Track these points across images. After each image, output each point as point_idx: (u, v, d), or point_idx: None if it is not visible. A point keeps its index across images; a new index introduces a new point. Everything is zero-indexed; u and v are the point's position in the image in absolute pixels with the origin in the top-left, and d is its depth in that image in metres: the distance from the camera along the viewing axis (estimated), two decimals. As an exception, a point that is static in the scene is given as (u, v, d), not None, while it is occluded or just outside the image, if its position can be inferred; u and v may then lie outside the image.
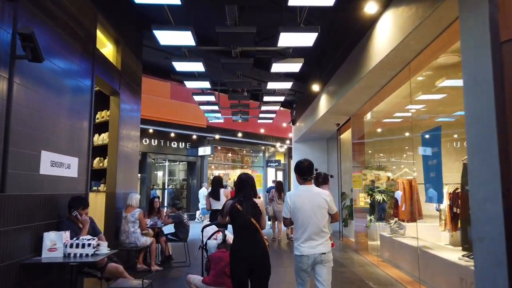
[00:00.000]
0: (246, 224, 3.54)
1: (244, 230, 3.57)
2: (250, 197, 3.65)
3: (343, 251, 9.38)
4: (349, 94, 7.53)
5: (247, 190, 3.68)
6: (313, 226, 3.49)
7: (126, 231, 6.41)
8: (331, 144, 13.08)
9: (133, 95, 7.74)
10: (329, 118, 9.73)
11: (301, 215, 3.53)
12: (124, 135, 6.97)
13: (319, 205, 3.55)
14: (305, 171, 3.69)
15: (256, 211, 3.60)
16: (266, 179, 20.69)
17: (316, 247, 3.48)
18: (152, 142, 16.11)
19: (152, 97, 15.68)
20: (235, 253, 3.55)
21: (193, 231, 9.61)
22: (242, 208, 3.56)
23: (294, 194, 3.71)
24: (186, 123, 16.48)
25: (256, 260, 3.50)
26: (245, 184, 3.72)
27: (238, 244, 3.60)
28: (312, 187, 3.72)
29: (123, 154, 6.93)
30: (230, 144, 19.19)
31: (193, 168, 17.81)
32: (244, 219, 3.53)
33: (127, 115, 7.25)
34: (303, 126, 12.52)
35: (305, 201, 3.57)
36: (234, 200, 3.65)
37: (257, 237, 3.56)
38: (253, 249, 3.52)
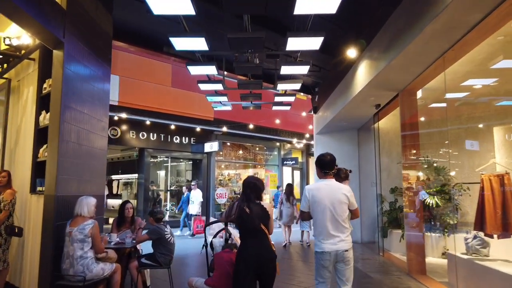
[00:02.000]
0: (255, 229, 3.44)
1: (252, 235, 3.46)
2: (252, 199, 3.52)
3: (389, 273, 6.87)
4: (408, 50, 5.04)
5: (247, 192, 3.55)
6: (334, 221, 3.39)
7: (70, 256, 4.05)
8: (363, 136, 10.54)
9: (94, 54, 5.37)
10: (368, 95, 7.24)
11: (321, 210, 3.43)
12: (74, 110, 4.62)
13: (340, 200, 3.44)
14: (326, 165, 3.57)
15: (264, 215, 3.50)
16: (282, 179, 18.22)
17: (338, 243, 3.37)
18: (150, 137, 13.82)
19: (149, 84, 13.43)
20: (243, 259, 3.41)
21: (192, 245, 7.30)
22: (250, 211, 3.45)
23: (314, 187, 3.57)
24: (190, 115, 14.16)
25: (264, 266, 3.40)
26: (247, 185, 3.60)
27: (246, 249, 3.44)
28: (333, 182, 3.58)
29: (73, 139, 4.58)
30: (240, 140, 16.79)
31: (199, 167, 15.46)
32: (253, 224, 3.42)
33: (81, 81, 4.89)
34: (328, 113, 10.04)
35: (325, 195, 3.45)
36: (241, 202, 3.53)
37: (265, 242, 3.46)
38: (262, 255, 3.41)
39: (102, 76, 5.55)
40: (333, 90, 9.29)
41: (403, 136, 7.08)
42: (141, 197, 13.45)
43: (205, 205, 15.15)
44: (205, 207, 15.13)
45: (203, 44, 5.68)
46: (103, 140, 5.60)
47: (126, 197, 14.36)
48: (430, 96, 7.54)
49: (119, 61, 12.74)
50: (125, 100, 12.64)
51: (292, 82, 7.80)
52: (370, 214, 10.19)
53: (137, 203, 13.65)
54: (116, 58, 12.87)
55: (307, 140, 18.22)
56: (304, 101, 18.29)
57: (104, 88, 5.65)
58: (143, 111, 13.08)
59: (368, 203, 10.27)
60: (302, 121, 18.38)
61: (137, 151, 13.86)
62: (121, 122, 12.93)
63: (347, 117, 9.24)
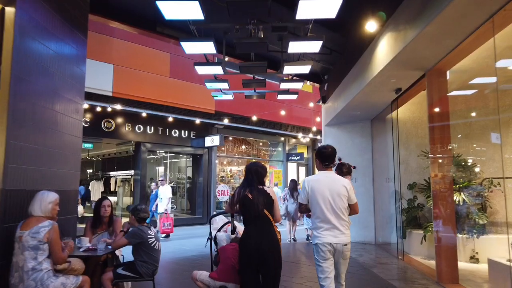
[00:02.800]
0: (258, 215, 3.30)
1: (256, 222, 3.32)
2: (254, 183, 3.38)
3: (413, 280, 5.87)
4: (445, 14, 4.05)
5: (250, 177, 3.42)
6: (334, 213, 3.30)
7: (20, 267, 3.10)
8: (377, 127, 9.54)
9: (68, 24, 4.41)
10: (389, 77, 6.23)
11: (320, 202, 3.31)
12: (33, 84, 3.67)
13: (339, 193, 3.34)
14: (328, 158, 3.45)
15: (268, 201, 3.37)
16: (287, 175, 17.24)
17: (338, 236, 3.28)
18: (147, 130, 12.87)
19: (146, 74, 12.48)
20: (246, 246, 3.30)
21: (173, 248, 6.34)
22: (253, 197, 3.31)
23: (313, 179, 3.45)
24: (190, 107, 13.22)
25: (268, 253, 3.25)
26: (248, 171, 3.48)
27: (249, 236, 3.32)
28: (332, 174, 3.49)
29: (30, 119, 3.63)
30: (243, 134, 15.82)
31: (199, 162, 14.52)
32: (257, 209, 3.28)
33: (46, 51, 3.93)
34: (338, 102, 9.05)
35: (324, 187, 3.33)
36: (242, 188, 3.41)
37: (269, 228, 3.33)
38: (265, 241, 3.27)
39: (76, 49, 4.59)
40: (345, 75, 8.30)
41: (431, 124, 6.07)
42: (137, 194, 12.52)
43: (206, 203, 14.21)
44: (205, 205, 14.18)
45: (197, 11, 4.73)
46: (77, 125, 4.65)
47: (122, 195, 13.44)
48: (461, 78, 6.55)
49: (114, 49, 11.82)
50: (120, 91, 11.71)
51: (301, 64, 6.82)
52: (385, 212, 9.20)
53: (133, 201, 12.72)
54: (111, 46, 11.96)
55: (313, 135, 17.24)
56: (310, 94, 17.30)
57: (78, 63, 4.68)
58: (139, 103, 12.15)
59: (382, 201, 9.29)
60: (308, 115, 17.39)
61: (133, 145, 12.93)
62: (116, 114, 12.00)
63: (361, 105, 8.24)
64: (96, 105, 11.14)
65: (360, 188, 9.72)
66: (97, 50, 11.38)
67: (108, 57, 11.59)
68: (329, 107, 10.34)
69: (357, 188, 10.10)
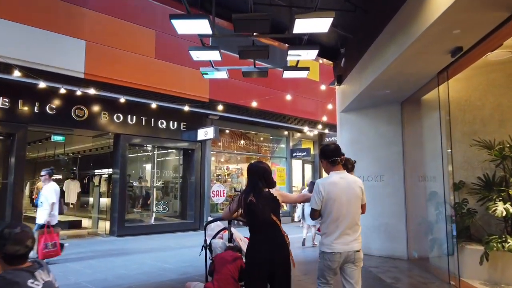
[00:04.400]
0: (266, 222, 3.04)
1: (264, 229, 3.06)
2: (260, 188, 3.08)
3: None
4: None
5: (255, 180, 3.12)
6: (350, 220, 3.09)
7: None
8: (410, 111, 7.48)
9: None
10: (452, 25, 4.18)
11: (337, 207, 3.07)
12: None
13: (357, 195, 3.16)
14: (332, 152, 3.21)
15: (275, 205, 3.11)
16: (291, 173, 15.21)
17: (350, 243, 3.08)
18: (128, 120, 10.83)
19: (126, 54, 10.44)
20: (256, 256, 3.00)
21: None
22: (259, 201, 3.02)
23: (329, 182, 3.14)
24: (179, 94, 11.19)
25: (279, 262, 3.00)
26: (250, 173, 3.18)
27: (258, 245, 3.03)
28: (346, 174, 3.23)
29: None
30: (242, 127, 13.78)
31: (191, 158, 12.48)
32: (264, 216, 3.02)
33: None
34: (362, 79, 7.02)
35: (342, 190, 3.10)
36: (246, 194, 3.08)
37: (278, 235, 3.05)
38: (276, 250, 3.01)
39: None
40: (373, 40, 6.28)
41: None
42: (116, 196, 10.49)
43: (199, 205, 12.18)
44: (198, 208, 12.15)
45: None
46: None
47: (97, 195, 11.40)
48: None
49: (86, 22, 9.78)
50: (94, 72, 9.70)
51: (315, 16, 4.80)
52: (420, 219, 7.18)
53: (111, 203, 10.70)
54: (82, 19, 9.92)
55: (321, 129, 15.21)
56: (317, 83, 15.27)
57: None
58: (118, 87, 10.13)
59: (417, 204, 7.26)
60: (315, 106, 15.35)
61: (111, 137, 10.89)
62: (89, 100, 9.97)
63: (395, 79, 6.21)
64: (65, 88, 9.11)
65: (387, 189, 7.70)
66: (66, 23, 9.37)
67: (79, 31, 9.57)
68: (346, 88, 8.30)
69: (383, 188, 8.05)
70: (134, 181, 12.67)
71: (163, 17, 11.04)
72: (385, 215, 7.66)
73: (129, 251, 8.31)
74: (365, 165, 8.06)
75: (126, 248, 8.59)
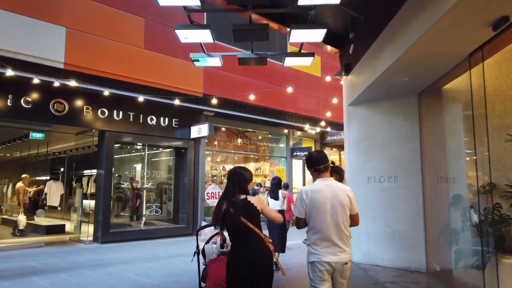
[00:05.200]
0: (240, 229, 2.87)
1: (242, 237, 2.92)
2: (231, 193, 2.95)
3: None
4: None
5: (230, 186, 2.99)
6: (335, 229, 2.92)
7: None
8: (429, 103, 6.52)
9: None
10: None
11: (321, 215, 2.93)
12: None
13: (342, 203, 2.94)
14: (315, 161, 3.07)
15: (250, 212, 2.90)
16: (291, 174, 14.26)
17: (338, 254, 2.90)
18: (113, 115, 9.86)
19: (112, 43, 9.49)
20: (231, 265, 2.92)
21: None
22: (232, 208, 2.88)
23: (312, 189, 3.01)
24: (171, 88, 10.24)
25: (259, 269, 2.85)
26: (228, 179, 3.06)
27: (233, 253, 2.95)
28: (332, 181, 3.06)
29: None
30: (239, 124, 12.81)
31: (183, 157, 11.52)
32: (235, 221, 2.85)
33: None
34: (376, 65, 6.07)
35: (326, 198, 2.95)
36: (220, 199, 3.01)
37: (255, 243, 2.89)
38: (256, 257, 2.86)
39: None
40: (389, 19, 5.34)
41: None
42: (100, 199, 9.52)
43: (192, 208, 11.22)
44: (191, 211, 11.19)
45: None
46: None
47: (80, 197, 10.41)
48: None
49: (67, 7, 8.82)
50: (75, 62, 8.75)
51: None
52: (442, 226, 6.23)
53: (95, 207, 9.74)
54: (62, 3, 8.95)
55: (324, 127, 14.28)
56: (319, 79, 14.36)
57: None
58: (102, 80, 9.18)
59: (437, 209, 6.32)
60: (316, 103, 14.43)
61: (95, 135, 9.92)
62: (70, 93, 9.01)
63: (416, 63, 5.27)
64: (40, 79, 8.15)
65: (402, 191, 6.76)
66: (45, 8, 8.42)
67: (59, 17, 8.61)
68: (355, 78, 7.36)
69: (397, 190, 7.04)
70: (124, 183, 11.69)
71: (154, 4, 10.12)
72: (400, 221, 6.72)
73: (109, 261, 7.34)
74: (376, 165, 7.13)
75: (107, 259, 7.62)
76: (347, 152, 7.75)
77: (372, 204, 7.10)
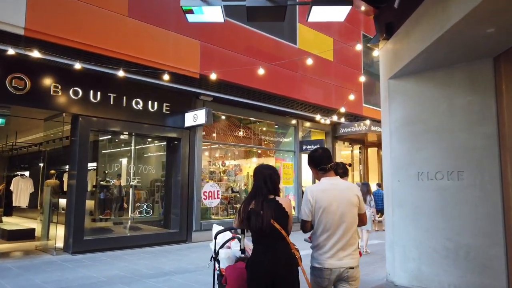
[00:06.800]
0: (266, 230, 2.62)
1: (264, 238, 2.66)
2: (263, 193, 2.73)
3: None
4: None
5: (258, 185, 2.76)
6: (343, 232, 2.70)
7: None
8: (511, 70, 4.71)
9: None
10: None
11: (327, 217, 2.72)
12: None
13: (351, 203, 2.77)
14: (320, 160, 2.87)
15: (279, 213, 2.68)
16: (300, 170, 12.43)
17: (343, 259, 2.69)
18: (89, 97, 7.97)
19: (86, 6, 7.61)
20: (253, 268, 2.65)
21: None
22: (259, 208, 2.67)
23: (318, 189, 2.81)
24: (161, 66, 8.37)
25: (281, 275, 2.59)
26: (256, 177, 2.82)
27: (257, 256, 2.68)
28: (339, 180, 2.89)
29: None
30: (241, 112, 10.94)
31: (176, 150, 9.64)
32: (264, 223, 2.62)
33: None
34: (443, 19, 4.23)
35: (333, 198, 2.75)
36: (247, 199, 2.78)
37: (282, 246, 2.64)
38: (277, 262, 2.60)
39: None
40: None
41: None
42: (72, 200, 7.63)
43: (186, 210, 9.37)
44: (185, 213, 9.34)
45: None
46: None
47: (48, 196, 8.48)
48: None
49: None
50: (40, 28, 6.90)
51: None
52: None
53: (66, 210, 7.86)
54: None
55: (337, 119, 12.48)
56: (331, 64, 12.56)
57: None
58: (75, 51, 7.30)
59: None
60: (329, 91, 12.61)
61: (72, 118, 8.01)
62: (33, 67, 7.15)
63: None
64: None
65: (470, 192, 4.91)
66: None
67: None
68: (402, 41, 5.51)
69: (462, 191, 4.91)
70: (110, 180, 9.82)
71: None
72: (466, 233, 4.89)
73: (72, 283, 5.48)
74: (431, 156, 5.30)
75: (71, 279, 5.76)
76: (386, 140, 5.90)
77: (425, 209, 5.28)
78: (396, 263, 5.57)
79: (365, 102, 14.20)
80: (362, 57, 14.01)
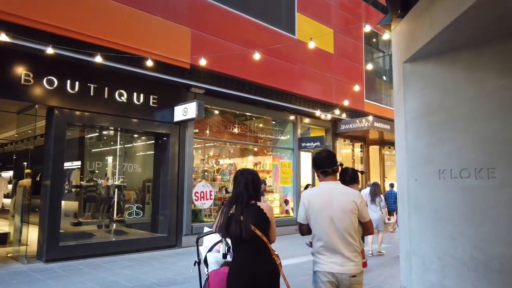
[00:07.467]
0: (247, 237, 2.49)
1: (244, 245, 2.53)
2: (244, 199, 2.59)
3: None
4: None
5: (240, 191, 2.61)
6: (338, 237, 2.61)
7: None
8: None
9: None
10: None
11: (320, 221, 2.65)
12: None
13: (344, 208, 2.64)
14: (323, 162, 2.80)
15: (260, 219, 2.56)
16: (298, 169, 11.67)
17: (344, 264, 2.58)
18: (67, 87, 7.16)
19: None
20: (233, 277, 2.55)
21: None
22: (241, 215, 2.53)
23: (312, 193, 2.83)
24: (147, 54, 7.56)
25: (261, 277, 2.50)
26: (237, 182, 2.66)
27: (236, 264, 2.58)
28: (337, 185, 2.81)
29: None
30: (236, 106, 10.15)
31: (165, 146, 8.84)
32: (244, 230, 2.49)
33: None
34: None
35: (326, 201, 2.68)
36: (228, 204, 2.64)
37: (262, 254, 2.54)
38: (259, 265, 2.50)
39: None
40: None
41: None
42: (46, 203, 6.82)
43: (175, 212, 8.57)
44: (174, 216, 8.54)
45: None
46: None
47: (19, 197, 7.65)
48: None
49: None
50: (5, 8, 6.09)
51: None
52: None
53: (40, 213, 7.04)
54: None
55: (342, 109, 11.74)
56: (331, 56, 11.83)
57: None
58: (48, 35, 6.49)
59: None
60: (329, 85, 11.87)
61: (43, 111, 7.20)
62: (0, 51, 6.34)
63: None
64: None
65: (502, 192, 4.12)
66: None
67: None
68: (419, 19, 4.74)
69: (493, 191, 3.85)
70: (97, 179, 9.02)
71: None
72: (499, 241, 4.12)
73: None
74: (455, 150, 4.52)
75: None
76: (401, 133, 5.13)
77: (447, 212, 4.50)
78: (413, 275, 4.79)
79: (366, 98, 13.47)
80: (364, 54, 13.29)
